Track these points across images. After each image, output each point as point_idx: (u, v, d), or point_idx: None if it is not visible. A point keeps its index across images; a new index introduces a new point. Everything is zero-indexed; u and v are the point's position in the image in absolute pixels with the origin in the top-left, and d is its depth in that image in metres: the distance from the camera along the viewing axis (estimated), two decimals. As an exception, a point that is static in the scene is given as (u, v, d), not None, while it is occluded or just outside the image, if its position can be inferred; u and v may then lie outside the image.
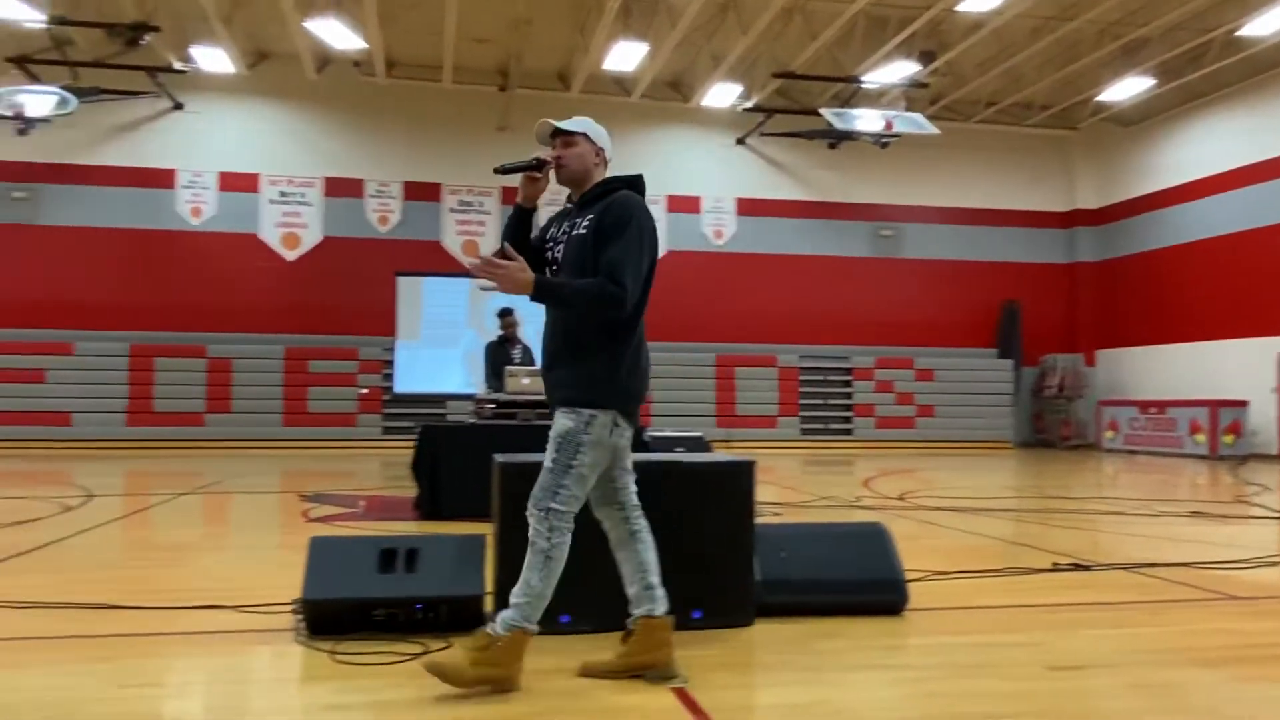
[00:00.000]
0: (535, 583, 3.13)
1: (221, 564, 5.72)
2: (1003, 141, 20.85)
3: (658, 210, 19.68)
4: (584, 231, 3.23)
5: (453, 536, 4.03)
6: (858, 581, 4.23)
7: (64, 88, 14.89)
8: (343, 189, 18.45)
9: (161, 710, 2.99)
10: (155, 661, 3.45)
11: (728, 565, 4.00)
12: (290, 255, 18.19)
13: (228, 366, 17.48)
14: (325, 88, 18.17)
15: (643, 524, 3.41)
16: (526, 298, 3.11)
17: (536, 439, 7.15)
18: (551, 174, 3.36)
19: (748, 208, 20.05)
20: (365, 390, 17.84)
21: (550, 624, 3.78)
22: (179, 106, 17.74)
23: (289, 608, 4.12)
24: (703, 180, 19.88)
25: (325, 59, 17.77)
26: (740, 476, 4.08)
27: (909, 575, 4.36)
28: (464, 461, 7.38)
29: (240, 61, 17.12)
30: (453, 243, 18.83)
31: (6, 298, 17.17)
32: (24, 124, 14.36)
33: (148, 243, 17.76)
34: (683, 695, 3.09)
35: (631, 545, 3.37)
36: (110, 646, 3.64)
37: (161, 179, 17.85)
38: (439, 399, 15.95)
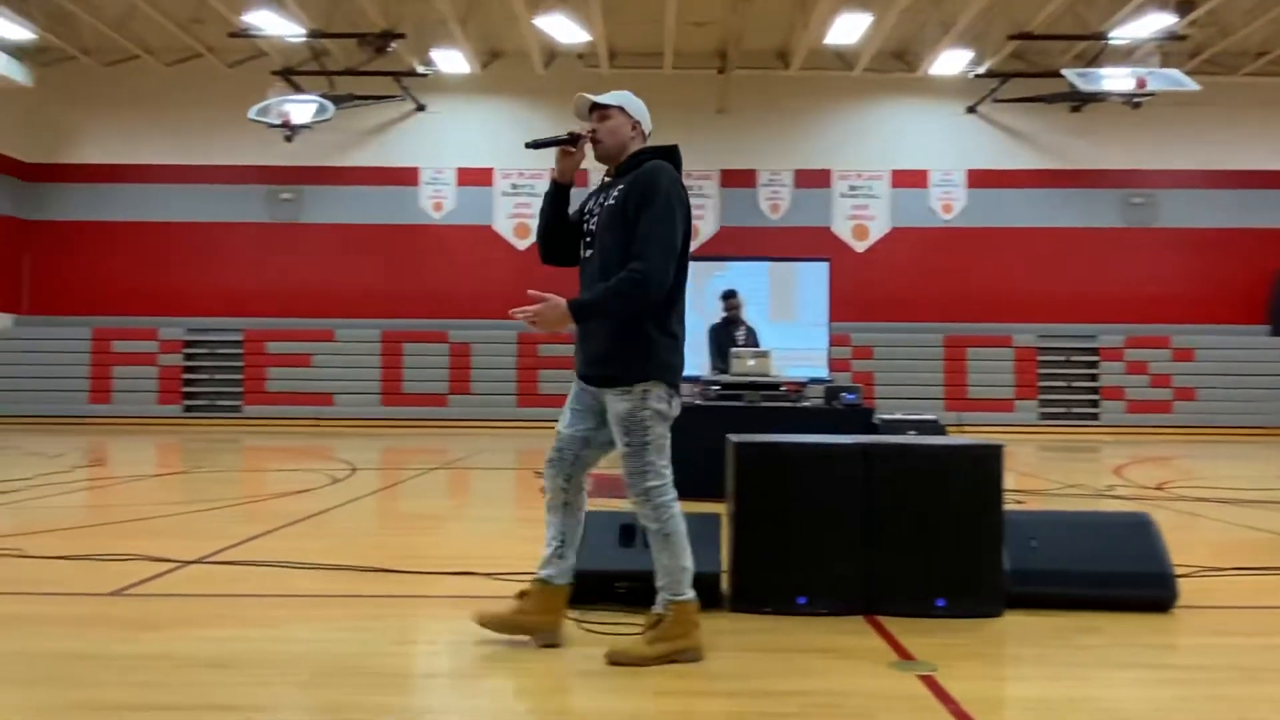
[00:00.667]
0: (668, 561, 3.18)
1: (471, 534, 6.08)
2: (1275, 96, 18.66)
3: (881, 186, 19.09)
4: (613, 202, 3.20)
5: (689, 515, 4.07)
6: (1119, 574, 3.92)
7: (323, 96, 16.27)
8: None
9: (434, 666, 3.21)
10: (423, 622, 3.72)
11: (974, 553, 3.82)
12: (521, 245, 19.05)
13: (467, 351, 18.58)
14: (552, 82, 18.84)
15: (582, 497, 3.41)
16: (572, 323, 3.14)
17: (762, 421, 7.21)
18: (589, 149, 3.33)
19: (979, 179, 19.05)
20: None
21: (787, 605, 3.76)
22: (421, 108, 18.96)
23: (533, 577, 4.32)
24: (930, 153, 19.07)
25: (552, 54, 18.43)
26: (988, 460, 3.87)
27: (1175, 570, 4.00)
28: (688, 443, 7.48)
29: (475, 61, 18.06)
30: (674, 227, 19.06)
31: (277, 289, 19.03)
32: (290, 131, 15.82)
33: (395, 236, 19.14)
34: (931, 684, 2.98)
35: (563, 513, 3.37)
36: (381, 606, 3.95)
37: (407, 177, 19.17)
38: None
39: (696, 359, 13.35)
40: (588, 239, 3.30)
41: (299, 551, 4.95)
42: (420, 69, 17.57)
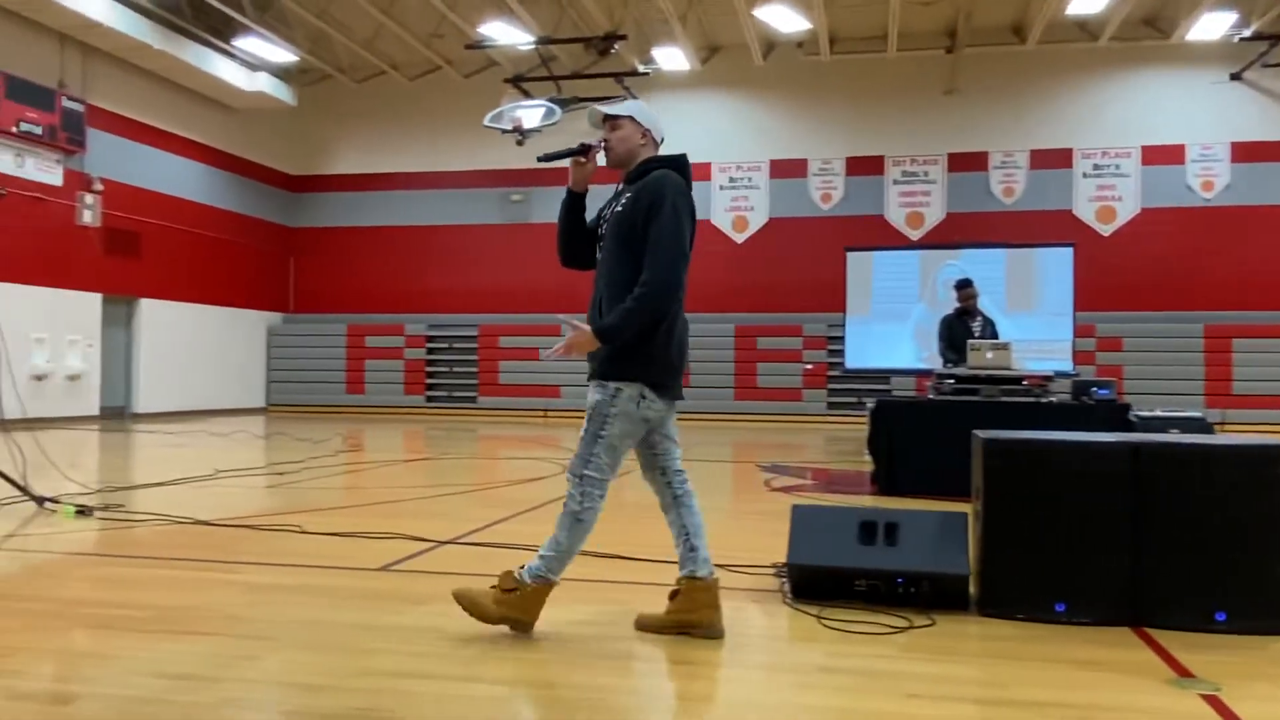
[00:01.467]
0: (563, 540, 3.28)
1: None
2: None
3: (1130, 164, 17.66)
4: (621, 209, 3.32)
5: (933, 513, 3.92)
6: None
7: (550, 100, 16.90)
8: (787, 170, 18.91)
9: (680, 653, 3.26)
10: (661, 610, 3.78)
11: (1260, 563, 3.45)
12: (739, 238, 19.06)
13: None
14: (771, 72, 18.72)
15: (687, 489, 3.51)
16: (603, 347, 3.27)
17: (1003, 417, 6.84)
18: (601, 158, 3.45)
19: (1246, 153, 17.23)
20: (810, 366, 18.20)
21: (1043, 612, 3.55)
22: (642, 106, 19.33)
23: (770, 570, 4.31)
24: (1187, 126, 17.44)
25: (770, 44, 18.30)
26: (1275, 461, 3.49)
27: None
28: (922, 438, 7.23)
29: (694, 57, 18.22)
30: (896, 215, 18.47)
31: (510, 287, 20.00)
32: (521, 135, 16.54)
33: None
34: (1217, 704, 2.72)
35: (676, 509, 3.48)
36: (622, 591, 4.06)
37: (628, 174, 19.59)
38: (890, 374, 15.79)
39: (919, 350, 12.91)
40: (600, 243, 3.45)
41: (541, 536, 5.14)
42: (641, 68, 17.92)
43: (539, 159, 3.66)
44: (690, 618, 3.36)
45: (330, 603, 3.75)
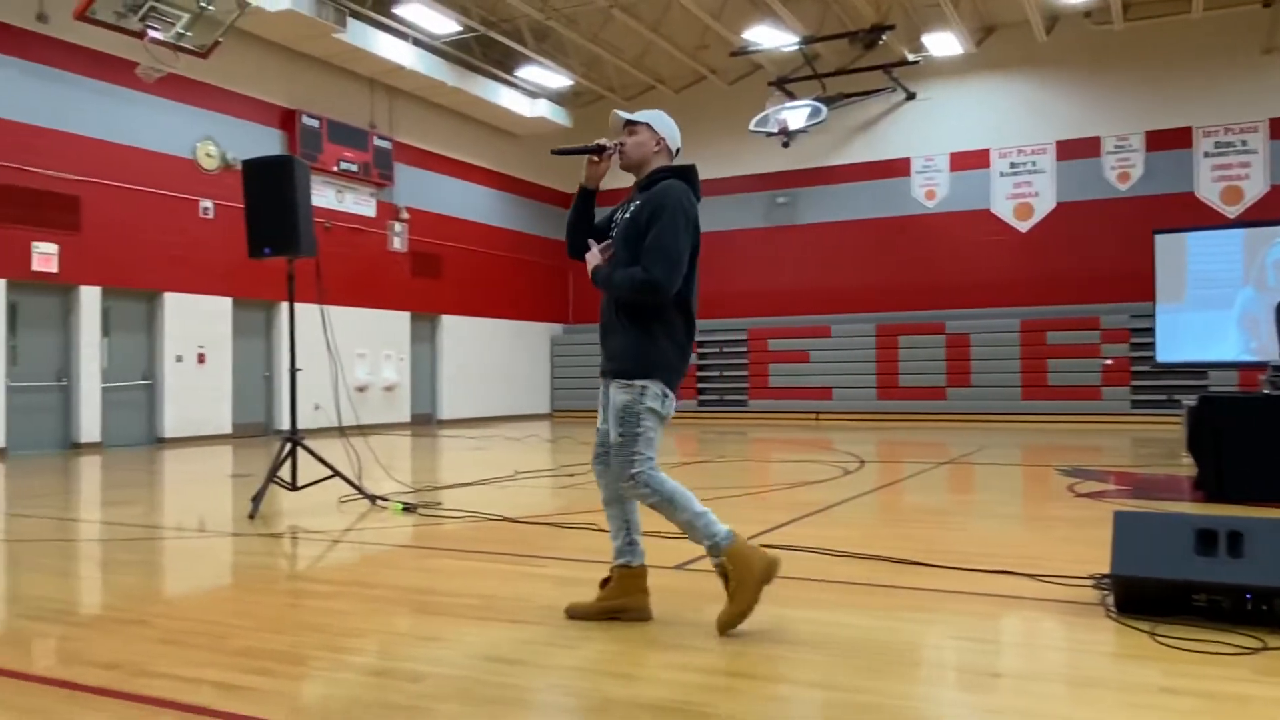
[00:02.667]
0: (684, 518, 3.39)
1: (999, 531, 5.81)
2: None
3: None
4: (630, 216, 3.47)
5: (1272, 520, 3.47)
6: None
7: (815, 99, 16.73)
8: (1076, 150, 17.55)
9: (997, 665, 3.10)
10: (972, 619, 3.60)
11: None
12: (1023, 226, 17.91)
13: (965, 342, 17.92)
14: (1054, 48, 17.47)
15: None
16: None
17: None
18: (616, 160, 3.58)
19: None
20: (1110, 361, 16.76)
21: None
22: (911, 96, 18.69)
23: (1088, 581, 3.99)
24: None
25: (1054, 18, 17.08)
26: None
27: None
28: (1257, 438, 6.45)
29: (968, 40, 17.37)
30: (1209, 191, 16.62)
31: (776, 289, 19.98)
32: (787, 137, 16.50)
33: (887, 230, 19.09)
34: None
35: (622, 504, 3.60)
36: (920, 599, 3.91)
37: (897, 168, 19.01)
38: (1209, 368, 14.20)
39: (1246, 340, 11.48)
40: (613, 246, 3.55)
41: (828, 539, 5.10)
42: (911, 57, 17.31)
43: (552, 152, 3.76)
44: (621, 602, 3.54)
45: (634, 598, 3.88)
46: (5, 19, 12.02)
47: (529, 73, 18.65)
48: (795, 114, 16.48)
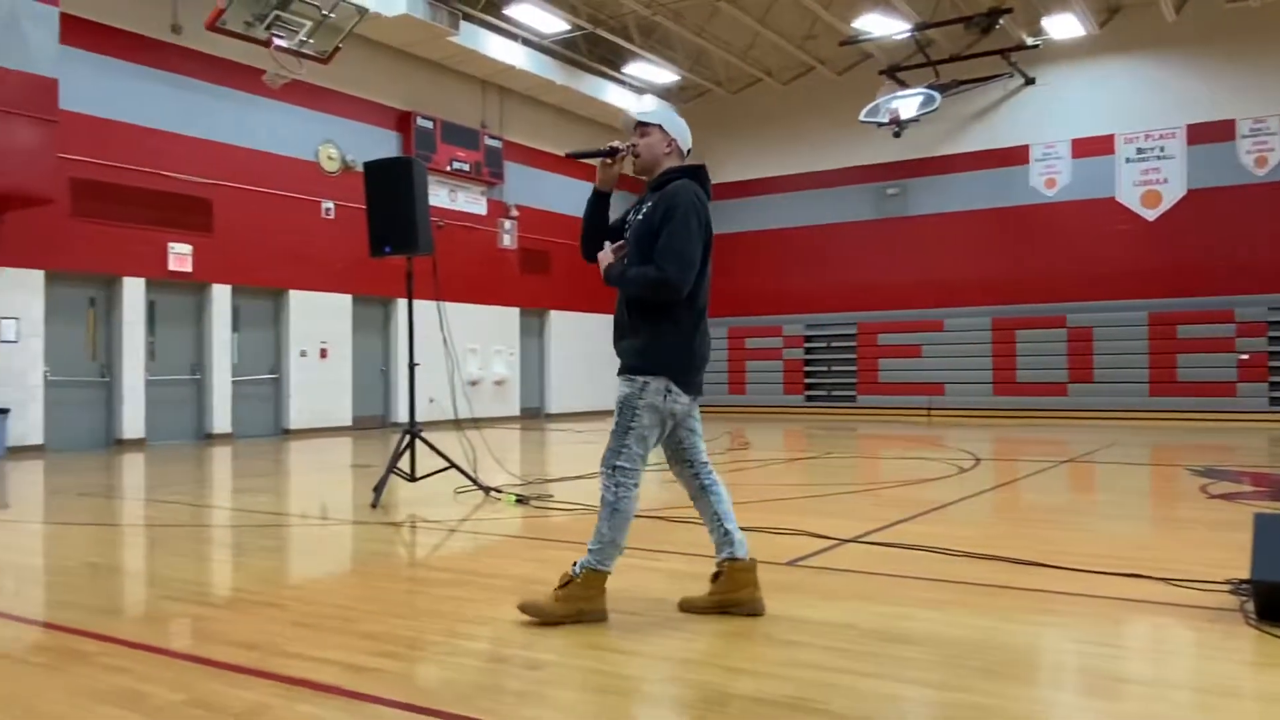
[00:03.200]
0: (605, 531, 3.40)
1: (1126, 533, 5.58)
2: None
3: None
4: (643, 217, 3.50)
5: None
6: None
7: (928, 87, 16.32)
8: (1208, 134, 16.67)
9: (1125, 670, 2.98)
10: (1099, 623, 3.48)
11: None
12: (1150, 214, 17.11)
13: (1088, 335, 17.24)
14: (1185, 27, 16.63)
15: (714, 478, 3.65)
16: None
17: None
18: (629, 161, 3.62)
19: None
20: (1247, 356, 15.87)
21: None
22: (1030, 82, 18.05)
23: (1224, 587, 3.81)
24: None
25: (1183, -5, 16.26)
26: None
27: None
28: None
29: (1090, 21, 16.68)
30: (1358, 175, 15.56)
31: (886, 283, 19.59)
32: (899, 127, 16.15)
33: (1004, 220, 18.49)
34: None
35: (705, 498, 3.63)
36: (1043, 601, 3.79)
37: (1015, 156, 18.40)
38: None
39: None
40: (626, 246, 3.58)
41: (945, 538, 4.99)
42: (1030, 41, 16.71)
43: (566, 155, 3.71)
44: (733, 597, 3.53)
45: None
46: (143, 31, 12.73)
47: (635, 69, 18.75)
48: (907, 103, 16.11)
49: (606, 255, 3.57)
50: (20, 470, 9.69)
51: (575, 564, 3.47)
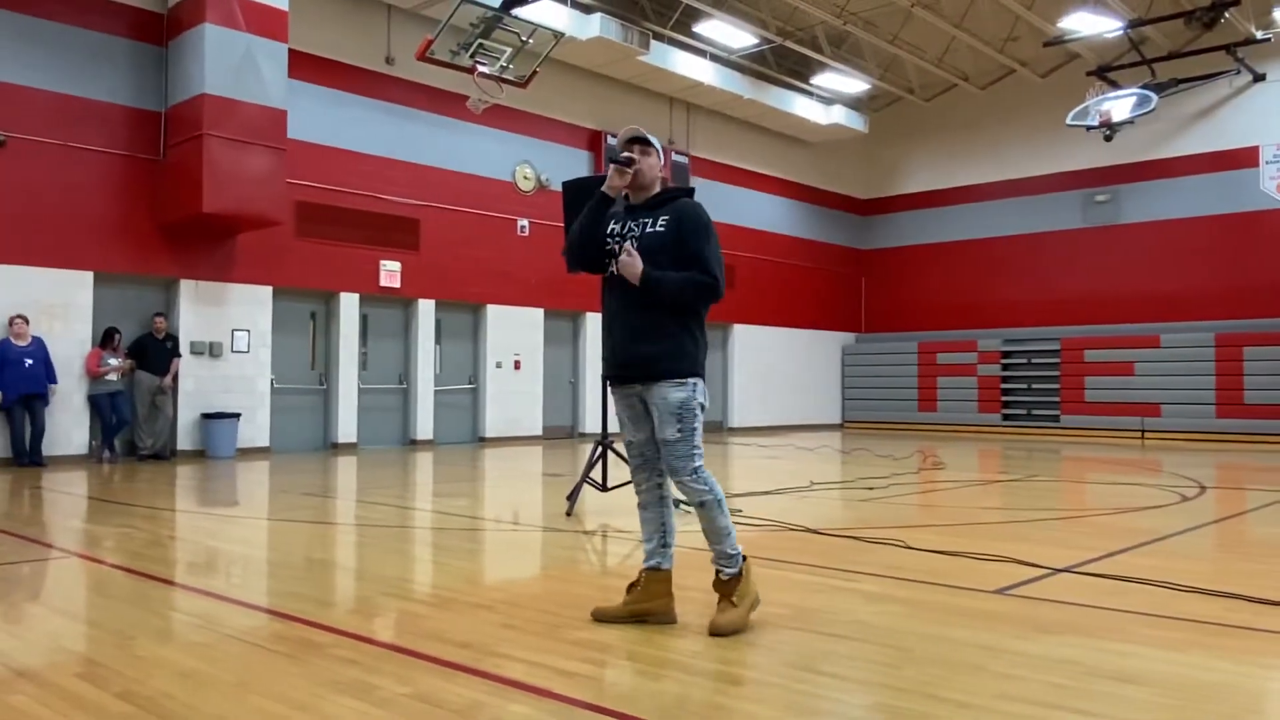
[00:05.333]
0: (726, 524, 3.57)
1: (1385, 576, 4.99)
2: None
3: None
4: (661, 230, 3.57)
5: None
6: None
7: (1143, 87, 15.27)
8: None
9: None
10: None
11: None
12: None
13: (1329, 354, 15.60)
14: None
15: (671, 489, 3.70)
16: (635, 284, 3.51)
17: None
18: (629, 174, 3.60)
19: None
20: None
21: None
22: (1260, 78, 16.58)
23: None
24: None
25: None
26: None
27: None
28: None
29: (1333, 9, 15.16)
30: None
31: (1093, 295, 18.43)
32: (1110, 130, 15.19)
33: (1229, 227, 17.05)
34: None
35: (661, 507, 3.70)
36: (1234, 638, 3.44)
37: (1242, 159, 16.94)
38: None
39: None
40: (611, 260, 3.61)
41: (1169, 571, 4.62)
42: (1259, 34, 15.35)
43: (610, 159, 3.61)
44: (648, 606, 3.60)
45: (952, 620, 3.72)
46: (360, 63, 13.68)
47: (824, 79, 18.52)
48: (1120, 104, 15.13)
49: (635, 259, 3.51)
50: (248, 470, 10.57)
51: (726, 571, 3.59)
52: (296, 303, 13.27)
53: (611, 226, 3.69)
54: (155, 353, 11.55)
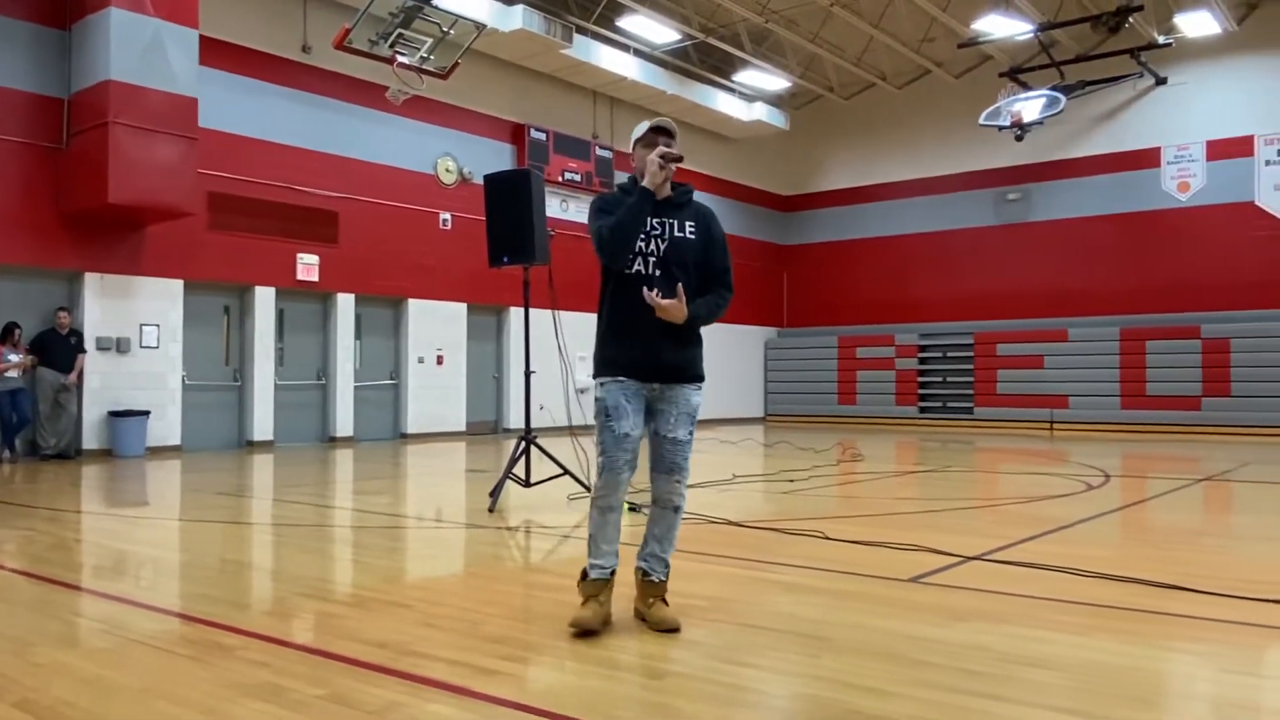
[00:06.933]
0: (678, 529, 3.71)
1: (1270, 556, 5.24)
2: None
3: None
4: (691, 238, 3.59)
5: None
6: None
7: (1052, 89, 15.77)
8: (1361, 133, 15.62)
9: (1267, 702, 2.80)
10: (1246, 652, 3.28)
11: None
12: (1296, 219, 16.14)
13: (1225, 347, 16.33)
14: (1333, 20, 15.66)
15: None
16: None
17: None
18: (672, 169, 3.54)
19: None
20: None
21: None
22: (1161, 81, 17.26)
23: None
24: None
25: (1333, -14, 15.30)
26: None
27: None
28: None
29: (1228, 18, 15.86)
30: None
31: (1005, 291, 18.99)
32: (1021, 130, 15.64)
33: (1133, 225, 17.71)
34: None
35: (621, 511, 3.60)
36: (1183, 627, 3.59)
37: (1145, 159, 17.62)
38: None
39: None
40: (654, 257, 3.51)
41: (1076, 558, 4.78)
42: (1161, 39, 15.98)
43: (665, 158, 3.47)
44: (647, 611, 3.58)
45: (871, 609, 3.80)
46: (275, 51, 13.33)
47: (746, 76, 18.69)
48: (1030, 105, 15.61)
49: (680, 304, 3.43)
50: (159, 469, 10.24)
51: (662, 573, 3.62)
52: (209, 296, 12.88)
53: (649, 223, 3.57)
54: (58, 349, 11.10)
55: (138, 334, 11.95)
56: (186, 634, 3.45)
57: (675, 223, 3.57)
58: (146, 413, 11.74)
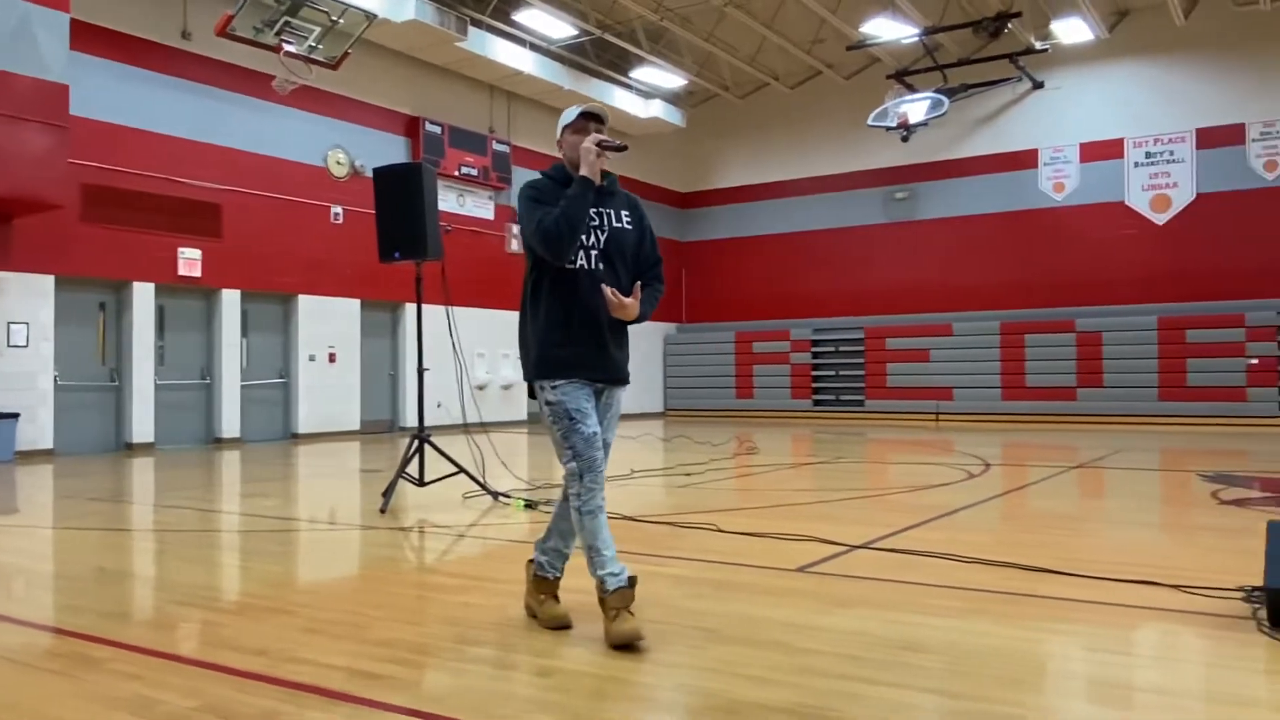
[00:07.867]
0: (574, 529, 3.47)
1: (1138, 540, 5.55)
2: None
3: None
4: (629, 227, 3.48)
5: None
6: None
7: (936, 91, 16.31)
8: (1218, 139, 16.63)
9: (1134, 679, 2.96)
10: (1111, 631, 3.45)
11: None
12: (1160, 219, 17.07)
13: (1098, 340, 17.18)
14: (1195, 32, 16.62)
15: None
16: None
17: None
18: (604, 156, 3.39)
19: None
20: (1255, 361, 15.81)
21: None
22: (1039, 85, 18.02)
23: (1237, 594, 3.78)
24: None
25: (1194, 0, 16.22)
26: None
27: None
28: None
29: (1099, 25, 16.66)
30: (1369, 179, 15.50)
31: (894, 287, 19.56)
32: (907, 131, 16.13)
33: (1012, 224, 18.47)
34: None
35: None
36: (1055, 608, 3.77)
37: (1023, 160, 18.38)
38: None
39: None
40: (595, 250, 3.37)
41: (956, 544, 4.97)
42: (1038, 45, 16.69)
43: (609, 148, 3.37)
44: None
45: (756, 599, 3.87)
46: (153, 37, 12.78)
47: (643, 73, 18.77)
48: (915, 107, 16.10)
49: (631, 303, 3.35)
50: (29, 474, 9.72)
51: (557, 570, 3.59)
52: (83, 293, 12.28)
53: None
54: (-86, 348, 10.43)
55: (5, 333, 11.31)
56: (53, 647, 3.29)
57: (612, 213, 3.44)
58: (16, 415, 11.13)
